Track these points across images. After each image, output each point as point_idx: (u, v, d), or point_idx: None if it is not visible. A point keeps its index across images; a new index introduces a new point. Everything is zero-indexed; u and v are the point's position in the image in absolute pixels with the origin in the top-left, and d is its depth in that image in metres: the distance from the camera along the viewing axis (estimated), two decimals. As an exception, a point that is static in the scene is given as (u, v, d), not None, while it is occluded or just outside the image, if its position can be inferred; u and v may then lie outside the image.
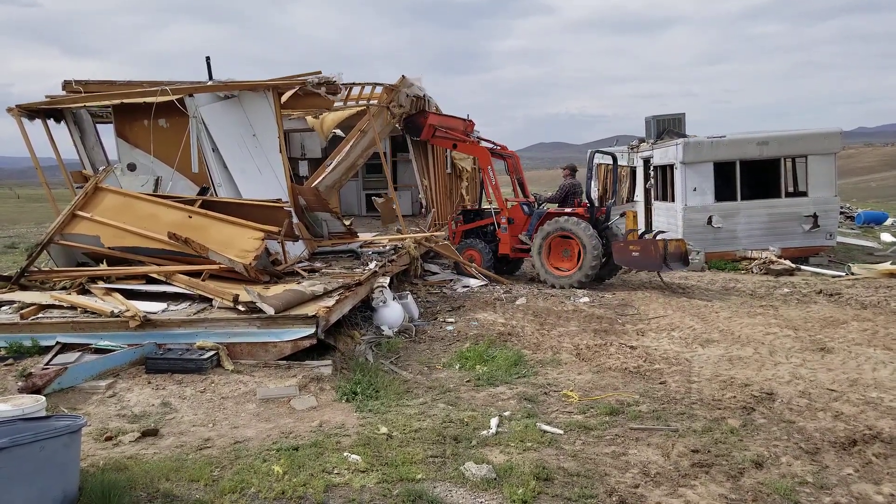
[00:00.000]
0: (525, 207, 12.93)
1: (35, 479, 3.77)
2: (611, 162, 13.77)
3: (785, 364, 7.18)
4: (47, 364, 6.43)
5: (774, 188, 15.40)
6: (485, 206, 13.86)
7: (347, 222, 11.74)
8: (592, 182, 16.77)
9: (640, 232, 12.67)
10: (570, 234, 11.81)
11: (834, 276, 13.01)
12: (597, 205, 12.98)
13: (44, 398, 4.74)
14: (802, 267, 13.95)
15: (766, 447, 4.96)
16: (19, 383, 6.00)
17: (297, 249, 10.19)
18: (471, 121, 13.89)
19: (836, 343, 8.00)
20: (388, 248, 11.38)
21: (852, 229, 22.33)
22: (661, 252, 11.40)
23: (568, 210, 12.24)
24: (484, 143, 13.42)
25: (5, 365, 6.70)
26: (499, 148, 13.48)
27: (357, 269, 9.45)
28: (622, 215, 12.73)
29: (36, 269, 8.98)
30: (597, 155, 15.11)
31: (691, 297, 11.20)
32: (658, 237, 11.94)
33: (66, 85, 11.48)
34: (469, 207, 14.84)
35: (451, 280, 12.32)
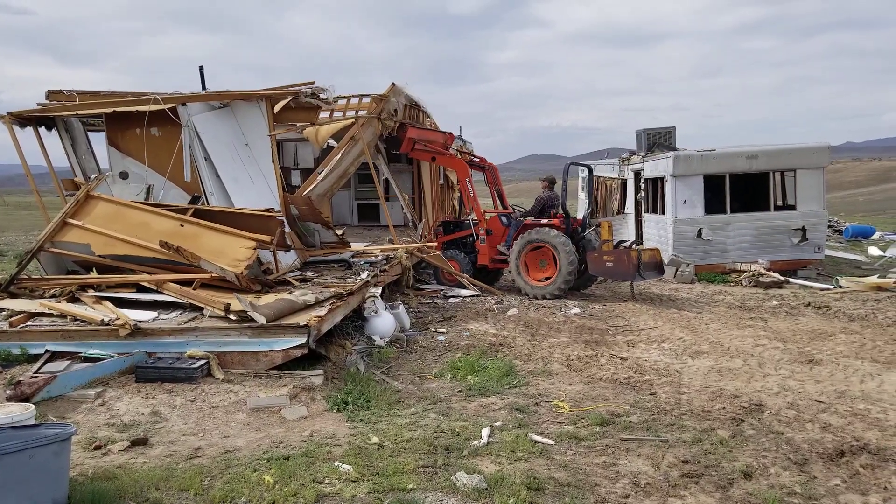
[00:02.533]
0: (503, 219, 13.03)
1: (24, 487, 3.74)
2: (604, 175, 13.85)
3: (774, 376, 7.23)
4: (36, 372, 6.38)
5: (763, 202, 15.53)
6: (464, 218, 13.93)
7: (339, 232, 11.73)
8: (583, 194, 16.85)
9: (614, 242, 12.81)
10: (546, 245, 11.97)
11: (822, 289, 13.11)
12: (588, 217, 13.08)
13: (33, 406, 4.73)
14: (791, 280, 14.05)
15: (755, 458, 4.99)
16: (8, 391, 5.97)
17: (288, 259, 10.18)
18: (451, 133, 13.97)
19: (824, 355, 8.07)
20: (379, 258, 11.39)
21: (840, 243, 22.50)
22: (634, 262, 11.59)
23: (544, 221, 12.38)
24: (462, 156, 13.53)
25: (-7, 373, 6.65)
26: (478, 160, 13.57)
27: (349, 279, 9.46)
28: (597, 226, 12.86)
29: (26, 277, 8.92)
30: (574, 168, 15.13)
31: (681, 308, 11.26)
32: (632, 247, 12.10)
33: (52, 94, 11.45)
34: (449, 219, 14.90)
35: (443, 290, 12.34)
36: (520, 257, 12.16)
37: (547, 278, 12.03)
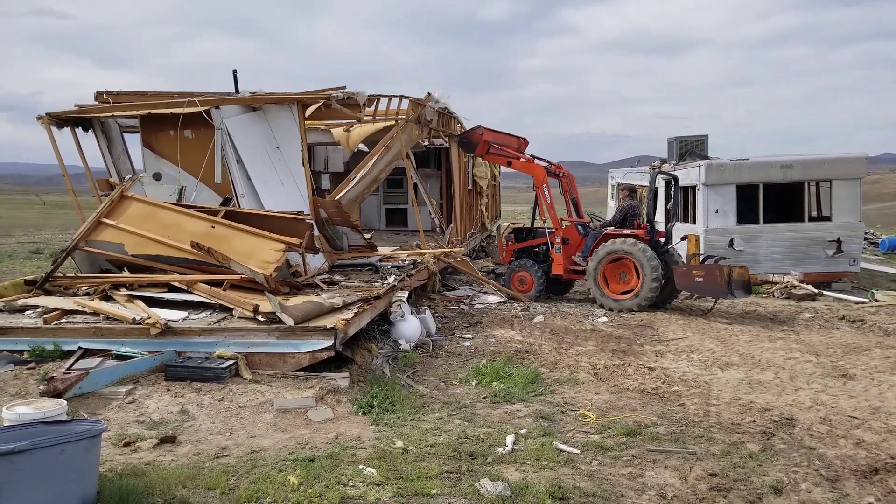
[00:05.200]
0: (580, 228, 12.57)
1: (55, 482, 3.81)
2: (634, 183, 13.54)
3: (806, 390, 7.08)
4: (69, 369, 6.51)
5: (798, 212, 15.23)
6: (537, 225, 13.27)
7: (367, 236, 11.80)
8: (612, 202, 16.67)
9: (702, 256, 12.16)
10: (629, 257, 11.50)
11: (857, 303, 12.80)
12: (671, 229, 12.50)
13: (65, 402, 4.81)
14: (825, 292, 13.75)
15: (786, 473, 4.89)
16: (41, 387, 6.09)
17: (317, 262, 10.26)
18: (524, 139, 13.62)
19: (858, 370, 7.87)
20: (407, 262, 11.43)
21: (876, 255, 21.99)
22: (726, 278, 10.88)
23: (627, 231, 11.84)
24: (538, 161, 12.96)
25: (28, 368, 6.79)
26: (553, 166, 13.05)
27: (376, 283, 9.50)
28: (684, 238, 12.29)
29: (61, 275, 9.11)
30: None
31: (711, 319, 11.09)
32: (718, 262, 11.46)
33: (98, 95, 11.71)
34: (521, 226, 14.42)
35: (470, 296, 12.31)
36: (599, 269, 11.64)
37: (627, 291, 11.53)
